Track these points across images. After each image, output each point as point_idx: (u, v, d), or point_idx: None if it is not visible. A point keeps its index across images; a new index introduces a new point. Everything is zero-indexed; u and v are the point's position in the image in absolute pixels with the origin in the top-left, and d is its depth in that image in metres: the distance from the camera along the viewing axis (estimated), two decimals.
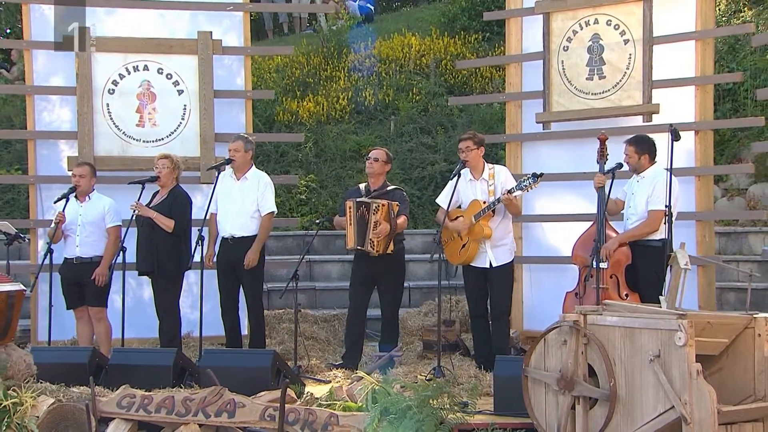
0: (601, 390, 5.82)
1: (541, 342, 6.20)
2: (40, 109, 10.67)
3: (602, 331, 5.86)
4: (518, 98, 10.88)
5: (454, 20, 18.60)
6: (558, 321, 6.16)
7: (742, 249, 12.51)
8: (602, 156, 8.55)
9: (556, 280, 10.10)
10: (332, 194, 14.26)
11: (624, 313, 5.88)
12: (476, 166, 8.81)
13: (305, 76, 16.80)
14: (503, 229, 8.76)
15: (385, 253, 8.87)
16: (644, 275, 8.25)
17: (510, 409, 6.73)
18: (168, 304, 9.20)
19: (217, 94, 10.65)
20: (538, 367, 6.20)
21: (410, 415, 6.52)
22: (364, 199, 9.00)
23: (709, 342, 5.70)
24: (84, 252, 9.30)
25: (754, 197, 13.38)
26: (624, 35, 10.02)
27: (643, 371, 5.62)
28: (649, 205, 8.23)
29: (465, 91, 16.47)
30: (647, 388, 5.59)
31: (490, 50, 17.24)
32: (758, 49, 14.56)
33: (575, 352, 5.93)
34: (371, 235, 8.78)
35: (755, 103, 13.93)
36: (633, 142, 8.52)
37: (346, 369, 8.81)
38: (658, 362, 5.48)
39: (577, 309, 6.12)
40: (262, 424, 6.79)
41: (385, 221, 8.79)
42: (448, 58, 17.20)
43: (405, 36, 18.16)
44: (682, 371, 5.36)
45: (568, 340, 5.98)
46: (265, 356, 7.59)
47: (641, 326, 5.65)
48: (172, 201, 9.22)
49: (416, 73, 17.13)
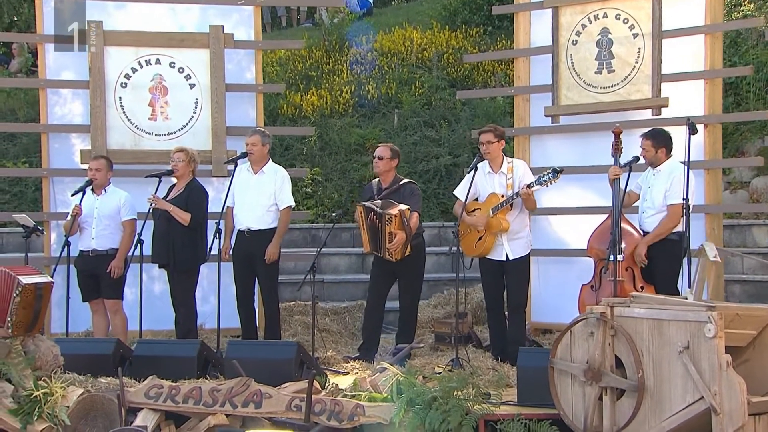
0: (629, 381, 5.90)
1: (567, 334, 6.29)
2: (52, 103, 10.70)
3: (630, 323, 5.94)
4: (527, 92, 10.95)
5: (455, 14, 18.68)
6: (584, 313, 6.25)
7: (746, 242, 12.60)
8: (617, 149, 8.60)
9: (563, 272, 10.23)
10: (338, 187, 14.30)
11: (652, 305, 5.96)
12: (495, 160, 8.86)
13: (308, 69, 16.85)
14: (520, 223, 8.81)
15: (403, 257, 8.94)
16: (660, 268, 8.33)
17: (533, 399, 6.81)
18: (184, 297, 9.27)
19: (228, 88, 10.69)
20: (565, 359, 6.28)
21: (436, 405, 6.60)
22: (375, 208, 8.96)
23: (737, 333, 5.78)
24: (100, 245, 9.36)
25: (757, 190, 13.48)
26: (633, 29, 10.10)
27: (671, 362, 5.70)
28: (668, 199, 8.30)
29: (467, 85, 16.52)
30: (676, 379, 5.68)
31: (491, 44, 17.31)
32: (760, 42, 14.68)
33: (602, 343, 6.01)
34: (387, 245, 8.82)
35: (758, 96, 14.05)
36: (650, 135, 8.58)
37: (362, 361, 8.88)
38: (687, 353, 5.56)
39: (604, 301, 6.19)
40: (288, 414, 6.87)
41: (399, 230, 8.82)
42: (450, 51, 17.26)
43: (406, 30, 18.21)
44: (711, 362, 5.45)
45: (595, 332, 6.06)
46: (289, 348, 7.65)
47: (670, 318, 5.73)
48: (189, 194, 9.28)
49: (418, 66, 17.19)
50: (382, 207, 8.95)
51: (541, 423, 6.44)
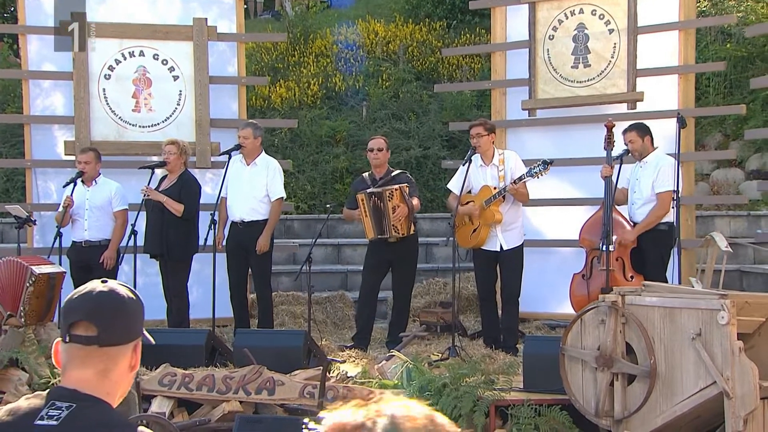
0: (640, 367, 6.13)
1: (578, 322, 6.50)
2: (34, 95, 10.71)
3: (641, 311, 6.16)
4: (503, 86, 11.18)
5: (418, 7, 18.82)
6: (596, 302, 6.46)
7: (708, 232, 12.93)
8: (610, 143, 8.82)
9: (541, 263, 10.46)
10: (310, 179, 14.42)
11: (664, 294, 6.19)
12: (487, 152, 9.06)
13: (273, 61, 16.91)
14: (513, 214, 9.03)
15: (408, 234, 9.09)
16: (650, 258, 8.62)
17: (539, 386, 7.01)
18: (177, 287, 9.35)
19: (211, 80, 10.77)
20: (575, 346, 6.49)
21: (447, 392, 6.78)
22: (374, 190, 9.16)
23: (746, 320, 6.02)
24: (92, 236, 9.43)
25: (717, 182, 13.88)
26: (609, 25, 10.37)
27: (683, 349, 5.92)
28: (656, 188, 8.58)
29: (433, 78, 16.71)
30: (687, 365, 5.90)
31: (456, 38, 17.52)
32: (718, 38, 15.09)
33: (614, 330, 6.22)
34: (393, 221, 8.98)
35: (717, 90, 14.46)
36: (633, 128, 8.85)
37: (357, 349, 9.04)
38: (699, 340, 5.79)
39: (615, 290, 6.41)
40: (301, 400, 6.99)
41: (401, 203, 8.98)
42: (414, 44, 17.43)
43: (369, 23, 18.34)
44: (724, 349, 5.67)
45: (606, 320, 6.27)
46: (297, 336, 7.81)
47: (682, 306, 5.95)
48: (182, 186, 9.37)
49: (384, 59, 17.32)
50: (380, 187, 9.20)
51: (551, 408, 6.63)
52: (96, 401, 2.54)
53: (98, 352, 2.57)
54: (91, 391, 2.55)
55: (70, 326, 2.59)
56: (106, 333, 2.58)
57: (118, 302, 2.63)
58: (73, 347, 2.59)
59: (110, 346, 2.59)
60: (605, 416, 6.28)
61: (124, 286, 2.69)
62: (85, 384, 2.55)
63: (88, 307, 2.60)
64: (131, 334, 2.65)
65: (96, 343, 2.57)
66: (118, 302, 2.63)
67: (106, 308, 2.60)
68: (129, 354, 2.65)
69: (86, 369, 2.56)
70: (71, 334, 2.58)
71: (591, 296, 8.38)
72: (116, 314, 2.62)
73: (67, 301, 2.65)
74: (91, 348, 2.57)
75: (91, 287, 2.65)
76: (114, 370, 2.61)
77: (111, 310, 2.61)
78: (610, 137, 8.80)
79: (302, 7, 18.96)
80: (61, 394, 2.55)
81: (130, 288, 2.70)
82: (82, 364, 2.57)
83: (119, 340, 2.61)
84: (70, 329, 2.59)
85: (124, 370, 2.64)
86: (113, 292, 2.64)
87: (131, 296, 2.66)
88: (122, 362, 2.63)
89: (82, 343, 2.57)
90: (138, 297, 2.69)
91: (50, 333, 7.38)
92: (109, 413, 2.56)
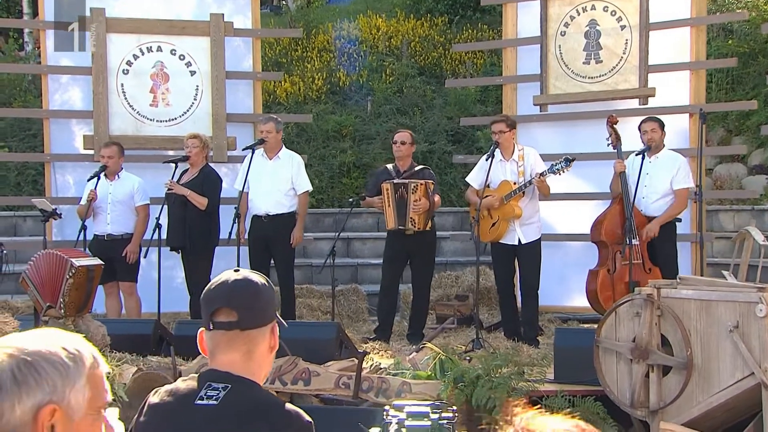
0: (676, 359, 6.26)
1: (612, 314, 6.62)
2: (53, 89, 10.78)
3: (677, 303, 6.29)
4: (514, 81, 11.29)
5: (419, 2, 18.90)
6: (630, 295, 6.60)
7: (713, 226, 13.12)
8: (617, 138, 8.96)
9: (550, 257, 10.49)
10: (317, 173, 14.49)
11: (700, 287, 6.33)
12: (507, 148, 9.18)
13: (277, 56, 16.97)
14: (532, 209, 9.14)
15: (425, 229, 9.19)
16: (665, 251, 8.77)
17: (570, 377, 7.12)
18: (200, 279, 9.37)
19: (227, 76, 10.85)
20: (610, 338, 6.62)
21: (481, 383, 6.88)
22: (401, 181, 9.26)
23: None
24: (115, 229, 9.53)
25: (720, 177, 14.04)
26: (621, 21, 10.50)
27: (720, 341, 6.06)
28: (675, 184, 8.75)
29: (436, 73, 16.83)
30: (724, 356, 6.03)
31: (458, 33, 17.62)
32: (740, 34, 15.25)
33: (649, 323, 6.35)
34: (411, 213, 9.08)
35: (719, 86, 14.62)
36: (653, 119, 8.97)
37: (380, 341, 9.17)
38: (737, 332, 5.93)
39: (650, 283, 6.54)
40: (336, 391, 7.09)
41: (424, 197, 9.08)
42: (416, 40, 17.52)
43: (371, 18, 18.41)
44: (762, 341, 5.80)
45: (642, 312, 6.40)
46: (330, 328, 7.90)
47: (719, 299, 6.09)
48: (204, 179, 9.47)
49: (387, 54, 17.41)
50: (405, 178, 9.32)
51: (584, 398, 6.75)
52: (247, 381, 2.74)
53: (241, 335, 2.76)
54: (240, 372, 2.74)
55: (211, 314, 2.77)
56: (245, 317, 2.76)
57: (253, 288, 2.81)
58: (217, 333, 2.77)
59: (250, 329, 2.77)
60: (641, 407, 6.40)
61: (255, 273, 2.86)
62: (234, 366, 2.75)
63: (227, 294, 2.78)
64: (267, 317, 2.84)
65: (237, 327, 2.75)
66: (253, 288, 2.81)
67: (243, 294, 2.79)
68: (267, 335, 2.84)
69: (233, 352, 2.75)
70: (214, 322, 2.76)
71: (616, 290, 8.52)
72: (253, 299, 2.80)
73: (205, 292, 2.80)
74: (233, 332, 2.76)
75: (226, 277, 2.82)
76: (256, 351, 2.79)
77: (247, 296, 2.79)
78: (615, 132, 8.92)
79: (303, 1, 19.00)
80: (215, 376, 2.73)
81: (260, 274, 2.86)
82: (228, 348, 2.76)
83: (258, 323, 2.80)
84: (213, 317, 2.77)
85: (265, 351, 2.84)
86: (247, 279, 2.82)
87: (263, 282, 2.84)
88: (263, 344, 2.81)
89: (225, 329, 2.76)
90: (269, 282, 2.86)
91: (88, 324, 7.46)
92: (260, 392, 2.77)
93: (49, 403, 1.86)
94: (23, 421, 1.84)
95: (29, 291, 7.72)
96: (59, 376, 1.89)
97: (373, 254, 13.03)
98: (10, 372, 1.84)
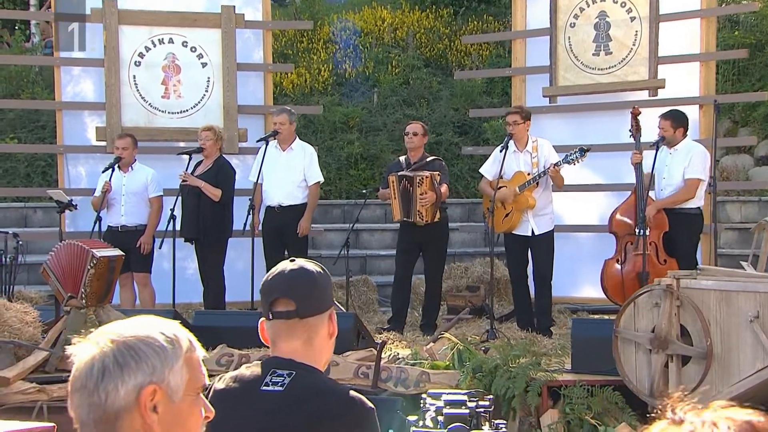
0: (696, 348, 6.32)
1: (631, 305, 6.68)
2: (65, 81, 10.81)
3: (696, 294, 6.35)
4: (524, 73, 11.33)
5: None
6: (649, 285, 6.65)
7: (719, 217, 13.16)
8: (637, 130, 9.00)
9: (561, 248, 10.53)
10: (325, 164, 14.42)
11: (720, 278, 6.38)
12: (521, 139, 9.22)
13: (283, 47, 16.95)
14: (545, 200, 9.21)
15: (433, 221, 9.23)
16: (681, 241, 8.80)
17: (587, 367, 7.18)
18: (214, 271, 9.52)
19: (238, 67, 10.88)
20: (629, 328, 6.67)
21: (500, 373, 6.95)
22: (406, 173, 9.32)
23: None
24: (129, 221, 9.58)
25: (726, 168, 14.08)
26: (630, 12, 10.52)
27: (740, 331, 6.12)
28: (687, 174, 8.77)
29: (442, 64, 16.85)
30: (744, 346, 6.10)
31: (463, 24, 17.61)
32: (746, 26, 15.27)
33: (669, 313, 6.40)
34: (418, 207, 9.12)
35: (726, 77, 14.63)
36: (669, 116, 8.99)
37: (394, 332, 9.22)
38: (757, 322, 5.99)
39: (669, 273, 6.59)
40: (356, 381, 7.14)
41: (430, 190, 9.13)
42: (422, 31, 17.51)
43: (375, 9, 18.40)
44: None
45: (661, 303, 6.46)
46: (347, 318, 7.93)
47: (739, 289, 6.15)
48: (218, 171, 9.52)
49: (393, 46, 17.40)
50: (412, 171, 9.35)
51: (603, 388, 6.81)
52: (310, 368, 2.81)
53: (300, 323, 2.82)
54: (302, 359, 2.80)
55: (270, 304, 2.83)
56: (303, 305, 2.82)
57: (309, 277, 2.86)
58: (277, 322, 2.83)
59: (309, 317, 2.84)
60: (660, 396, 6.46)
61: (310, 262, 2.90)
62: (296, 353, 2.82)
63: (284, 284, 2.84)
64: (325, 304, 2.90)
65: (296, 316, 2.81)
66: (310, 277, 2.86)
67: (300, 283, 2.84)
68: (326, 323, 2.90)
69: (294, 340, 2.82)
70: (273, 311, 2.82)
71: (626, 280, 8.56)
72: (309, 287, 2.86)
73: (263, 283, 2.85)
74: (292, 321, 2.82)
75: (282, 267, 2.87)
76: (316, 338, 2.86)
77: (304, 285, 2.85)
78: (636, 124, 8.96)
79: None
80: (279, 363, 2.79)
81: (315, 262, 2.90)
82: (288, 336, 2.82)
83: (316, 311, 2.85)
84: (272, 307, 2.83)
85: (325, 338, 2.90)
86: (303, 269, 2.87)
87: (319, 270, 2.89)
88: (322, 330, 2.88)
89: (284, 318, 2.82)
90: (325, 270, 2.91)
91: (109, 315, 7.49)
92: (323, 379, 2.85)
93: (150, 383, 1.95)
94: (127, 401, 1.93)
95: (50, 281, 7.78)
96: (158, 358, 1.98)
97: (382, 245, 13.06)
98: (113, 356, 1.94)
